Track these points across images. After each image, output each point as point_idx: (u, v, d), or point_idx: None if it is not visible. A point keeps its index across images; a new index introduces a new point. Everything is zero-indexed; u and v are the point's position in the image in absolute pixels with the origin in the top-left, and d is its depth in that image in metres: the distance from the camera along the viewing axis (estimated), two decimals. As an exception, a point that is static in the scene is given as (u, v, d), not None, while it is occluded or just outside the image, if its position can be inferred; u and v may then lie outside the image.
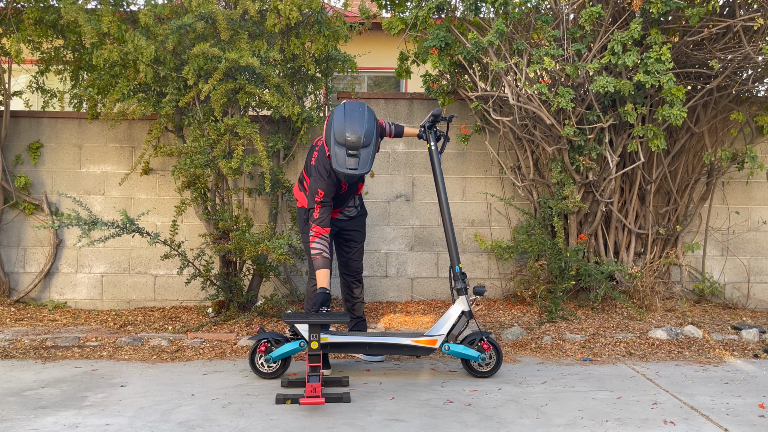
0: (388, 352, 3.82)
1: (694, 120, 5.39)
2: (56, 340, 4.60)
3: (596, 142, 5.12)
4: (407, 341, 3.77)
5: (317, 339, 3.53)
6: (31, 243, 5.70)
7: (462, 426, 3.02)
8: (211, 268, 5.15)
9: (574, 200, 5.16)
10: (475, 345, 3.83)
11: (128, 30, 4.96)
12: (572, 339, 4.62)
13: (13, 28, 5.33)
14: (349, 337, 3.80)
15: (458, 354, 3.78)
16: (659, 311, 5.22)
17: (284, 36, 5.20)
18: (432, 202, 5.75)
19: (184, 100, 4.91)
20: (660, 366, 4.12)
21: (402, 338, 3.79)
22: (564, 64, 4.84)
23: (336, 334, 3.81)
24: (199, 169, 4.87)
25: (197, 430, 2.96)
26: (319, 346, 3.53)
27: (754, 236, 5.82)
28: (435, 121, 4.01)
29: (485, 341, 3.82)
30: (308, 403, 3.23)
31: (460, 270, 3.83)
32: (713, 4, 4.63)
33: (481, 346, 3.82)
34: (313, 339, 3.53)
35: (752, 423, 3.06)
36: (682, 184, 5.61)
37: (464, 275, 3.83)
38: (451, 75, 5.41)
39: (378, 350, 3.81)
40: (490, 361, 3.83)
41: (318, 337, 3.54)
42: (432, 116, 3.98)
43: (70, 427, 3.00)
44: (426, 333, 3.80)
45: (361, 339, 3.80)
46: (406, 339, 3.78)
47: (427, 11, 5.01)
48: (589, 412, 3.22)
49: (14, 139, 5.71)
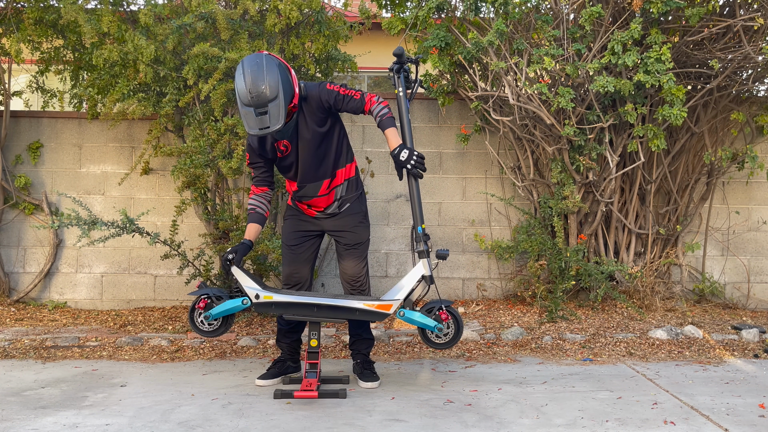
0: (339, 316, 3.53)
1: (694, 120, 5.39)
2: (56, 340, 4.60)
3: (596, 142, 5.12)
4: (359, 305, 3.50)
5: (316, 336, 3.52)
6: (31, 243, 5.70)
7: (462, 426, 3.02)
8: (211, 268, 5.16)
9: (574, 200, 5.16)
10: (433, 314, 3.56)
11: (128, 30, 4.96)
12: (572, 339, 4.62)
13: (13, 28, 5.33)
14: (296, 297, 3.52)
15: (413, 322, 3.53)
16: (659, 311, 5.22)
17: (284, 36, 5.20)
18: (432, 202, 5.75)
19: (184, 100, 4.90)
20: (660, 366, 4.12)
21: (354, 301, 3.52)
22: (564, 64, 4.84)
23: (282, 293, 3.55)
24: (199, 169, 4.87)
25: (197, 430, 2.96)
26: (317, 344, 3.51)
27: (755, 236, 5.82)
28: (400, 63, 3.63)
29: (444, 311, 3.55)
30: (302, 396, 3.30)
31: (423, 231, 3.54)
32: (713, 4, 4.63)
33: (439, 316, 3.54)
34: (313, 337, 3.52)
35: (752, 423, 3.06)
36: (683, 184, 5.61)
37: (427, 237, 3.55)
38: (451, 75, 5.41)
39: (327, 313, 3.51)
40: (448, 332, 3.55)
41: (318, 334, 3.53)
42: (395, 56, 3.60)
43: (70, 427, 3.00)
44: (382, 297, 3.56)
45: (309, 300, 3.51)
46: (358, 302, 3.51)
47: (427, 11, 5.01)
48: (589, 412, 3.22)
49: (14, 139, 5.71)
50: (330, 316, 3.53)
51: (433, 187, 5.76)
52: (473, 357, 4.33)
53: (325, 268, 5.71)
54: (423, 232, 3.54)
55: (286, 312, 3.53)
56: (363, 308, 3.49)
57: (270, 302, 3.48)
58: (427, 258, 3.53)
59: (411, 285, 3.53)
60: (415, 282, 3.54)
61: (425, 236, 3.54)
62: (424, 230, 3.55)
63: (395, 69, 3.62)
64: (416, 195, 3.54)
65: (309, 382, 3.40)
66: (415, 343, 4.57)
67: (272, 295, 3.48)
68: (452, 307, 3.59)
